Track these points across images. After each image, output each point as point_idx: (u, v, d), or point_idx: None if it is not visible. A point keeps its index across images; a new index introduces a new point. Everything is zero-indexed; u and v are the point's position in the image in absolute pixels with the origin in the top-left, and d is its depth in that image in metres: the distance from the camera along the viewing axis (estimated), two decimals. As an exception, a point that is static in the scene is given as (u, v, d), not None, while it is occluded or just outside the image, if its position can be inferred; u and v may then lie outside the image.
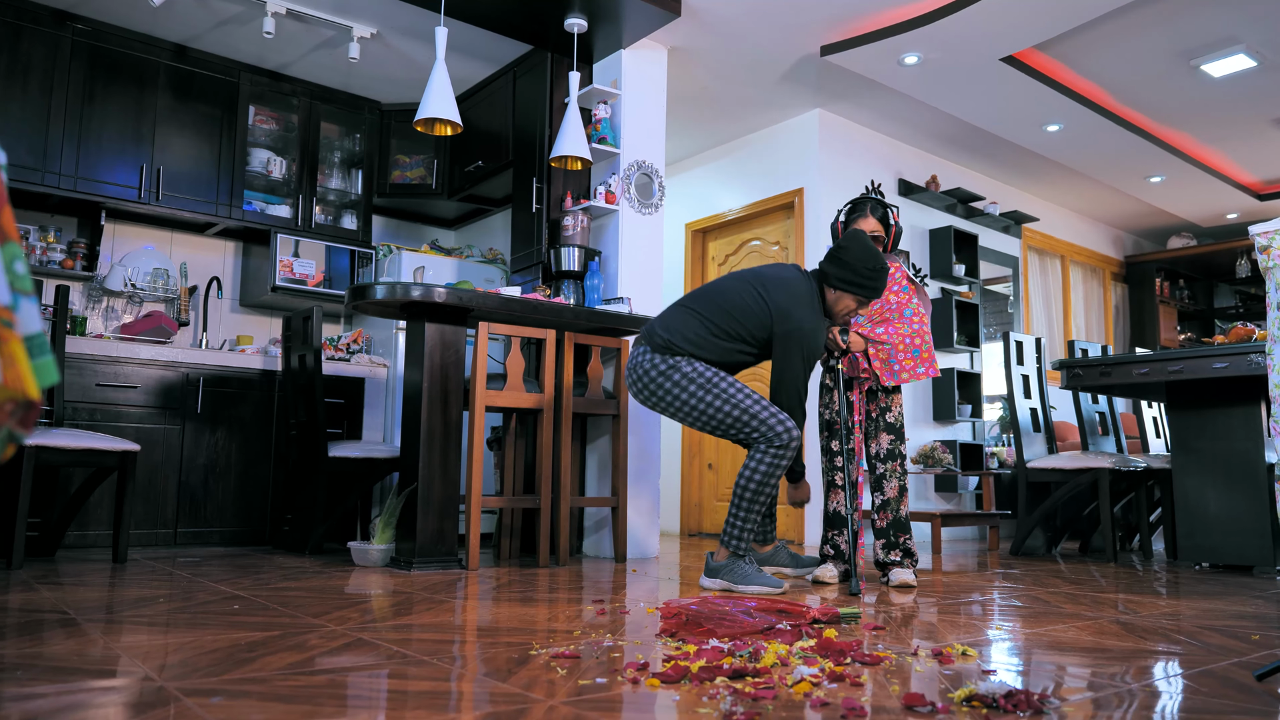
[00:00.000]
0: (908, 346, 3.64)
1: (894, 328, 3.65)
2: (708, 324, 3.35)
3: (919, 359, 3.64)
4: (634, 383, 3.41)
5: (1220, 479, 4.35)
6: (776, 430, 3.22)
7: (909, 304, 3.67)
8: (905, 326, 3.65)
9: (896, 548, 3.63)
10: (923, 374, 3.65)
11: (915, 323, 3.65)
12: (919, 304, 3.70)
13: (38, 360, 0.89)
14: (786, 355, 3.30)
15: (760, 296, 3.34)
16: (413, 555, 3.70)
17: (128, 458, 3.92)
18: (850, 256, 3.32)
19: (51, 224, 5.05)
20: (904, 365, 3.64)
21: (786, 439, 3.21)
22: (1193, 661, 2.02)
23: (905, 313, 3.66)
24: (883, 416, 3.70)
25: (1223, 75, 5.54)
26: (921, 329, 3.65)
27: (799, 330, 3.28)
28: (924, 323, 3.67)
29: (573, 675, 1.77)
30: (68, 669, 1.79)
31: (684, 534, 6.59)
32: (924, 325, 3.66)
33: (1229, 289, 9.45)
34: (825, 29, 5.02)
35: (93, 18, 4.89)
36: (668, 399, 3.34)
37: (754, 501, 3.26)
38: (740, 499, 3.27)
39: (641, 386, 3.39)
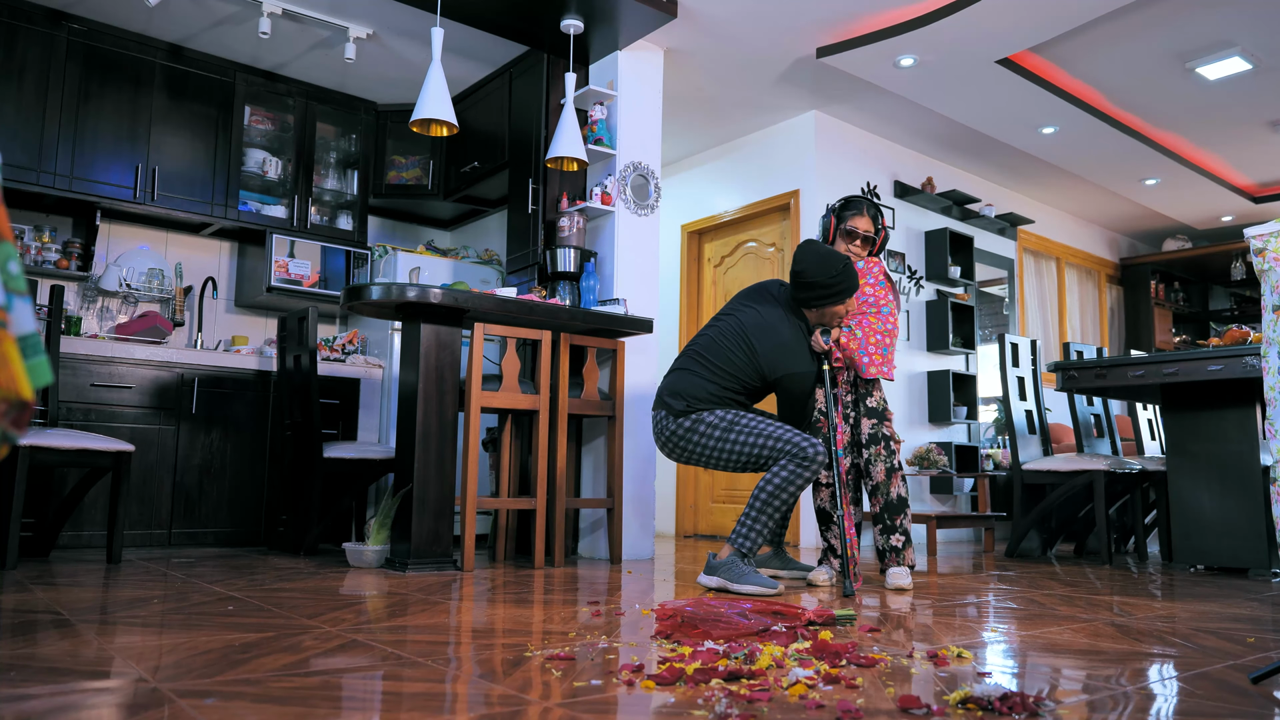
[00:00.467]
0: (877, 343, 3.67)
1: (867, 321, 3.70)
2: (711, 382, 3.51)
3: (886, 358, 3.69)
4: (663, 445, 3.58)
5: (1215, 481, 4.36)
6: (801, 446, 3.30)
7: (885, 300, 3.74)
8: (879, 323, 3.70)
9: (895, 531, 3.61)
10: (886, 373, 3.68)
11: (889, 322, 3.71)
12: (893, 302, 3.77)
13: (31, 361, 0.88)
14: (787, 397, 3.53)
15: (749, 350, 3.50)
16: (408, 556, 3.70)
17: (122, 458, 3.91)
18: (811, 275, 3.47)
19: (46, 224, 5.03)
20: (872, 359, 3.66)
21: (811, 453, 3.29)
22: (1188, 664, 2.03)
23: (883, 310, 3.73)
24: (862, 402, 3.72)
25: (1218, 78, 5.56)
26: (893, 330, 3.72)
27: (789, 377, 3.49)
28: (893, 324, 3.72)
29: (568, 677, 1.77)
30: (61, 670, 1.78)
31: (679, 535, 6.59)
32: (894, 327, 3.73)
33: (1224, 291, 9.47)
34: (821, 31, 5.02)
35: (88, 17, 4.88)
36: (698, 451, 3.48)
37: (768, 506, 3.32)
38: (755, 502, 3.33)
39: (671, 448, 3.55)
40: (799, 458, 3.29)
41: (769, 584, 3.24)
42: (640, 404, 4.73)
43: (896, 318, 3.75)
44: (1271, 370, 2.07)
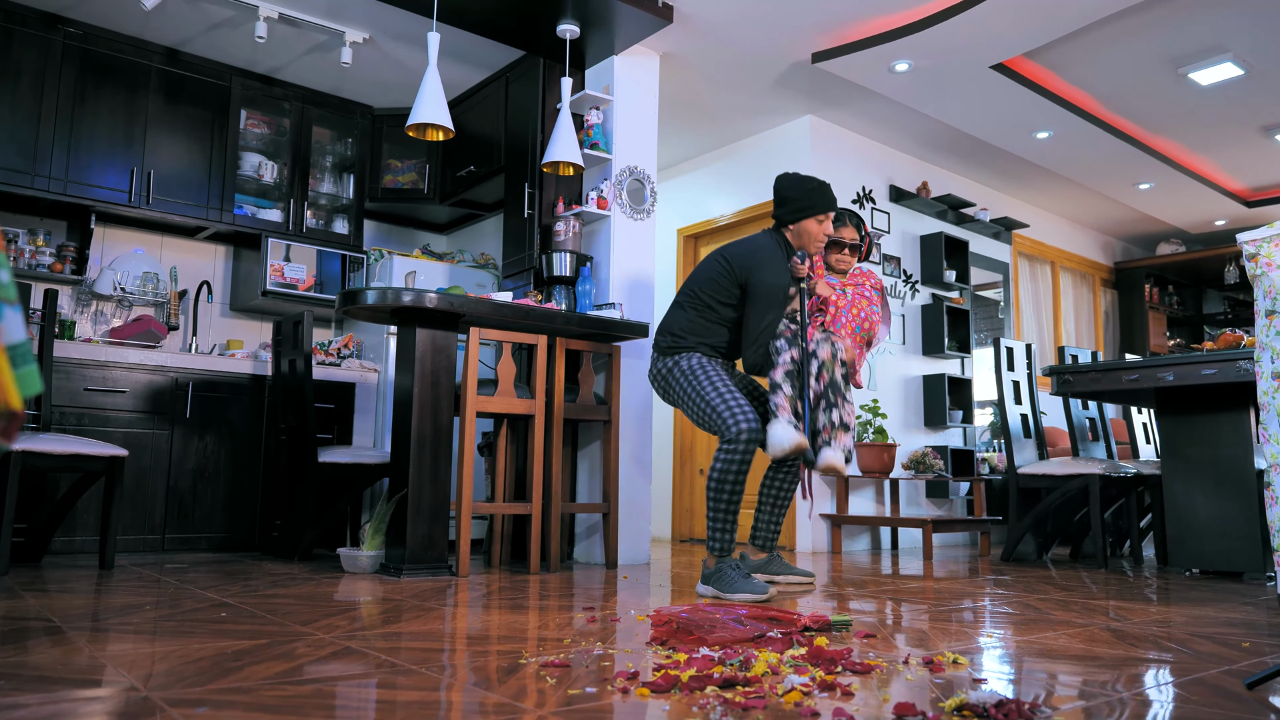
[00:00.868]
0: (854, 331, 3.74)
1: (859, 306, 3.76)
2: (689, 309, 3.60)
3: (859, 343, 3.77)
4: (653, 385, 3.70)
5: (1210, 485, 4.37)
6: (728, 424, 3.32)
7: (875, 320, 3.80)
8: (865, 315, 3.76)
9: (834, 408, 3.50)
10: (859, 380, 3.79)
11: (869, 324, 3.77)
12: (881, 324, 3.83)
13: (21, 370, 0.88)
14: (753, 305, 3.54)
15: (723, 260, 3.61)
16: (402, 562, 3.69)
17: (115, 463, 3.90)
18: (787, 191, 3.64)
19: (41, 227, 5.02)
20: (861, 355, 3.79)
21: (735, 434, 3.30)
22: (1184, 669, 2.03)
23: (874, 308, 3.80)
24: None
25: (1210, 83, 5.57)
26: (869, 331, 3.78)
27: (759, 278, 3.52)
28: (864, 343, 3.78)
29: (562, 684, 1.77)
30: (52, 678, 1.77)
31: (675, 539, 6.58)
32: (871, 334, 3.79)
33: (1218, 295, 9.49)
34: (816, 36, 5.03)
35: (84, 21, 4.87)
36: (672, 394, 3.58)
37: (717, 501, 3.37)
38: (708, 499, 3.41)
39: (657, 387, 3.67)
40: (725, 439, 3.32)
41: (760, 589, 3.23)
42: (636, 409, 4.73)
43: (876, 328, 3.79)
44: (1265, 375, 2.07)
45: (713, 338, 3.58)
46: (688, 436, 6.66)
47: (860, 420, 5.85)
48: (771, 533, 3.84)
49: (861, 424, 5.82)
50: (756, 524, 3.84)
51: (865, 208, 6.33)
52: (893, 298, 6.47)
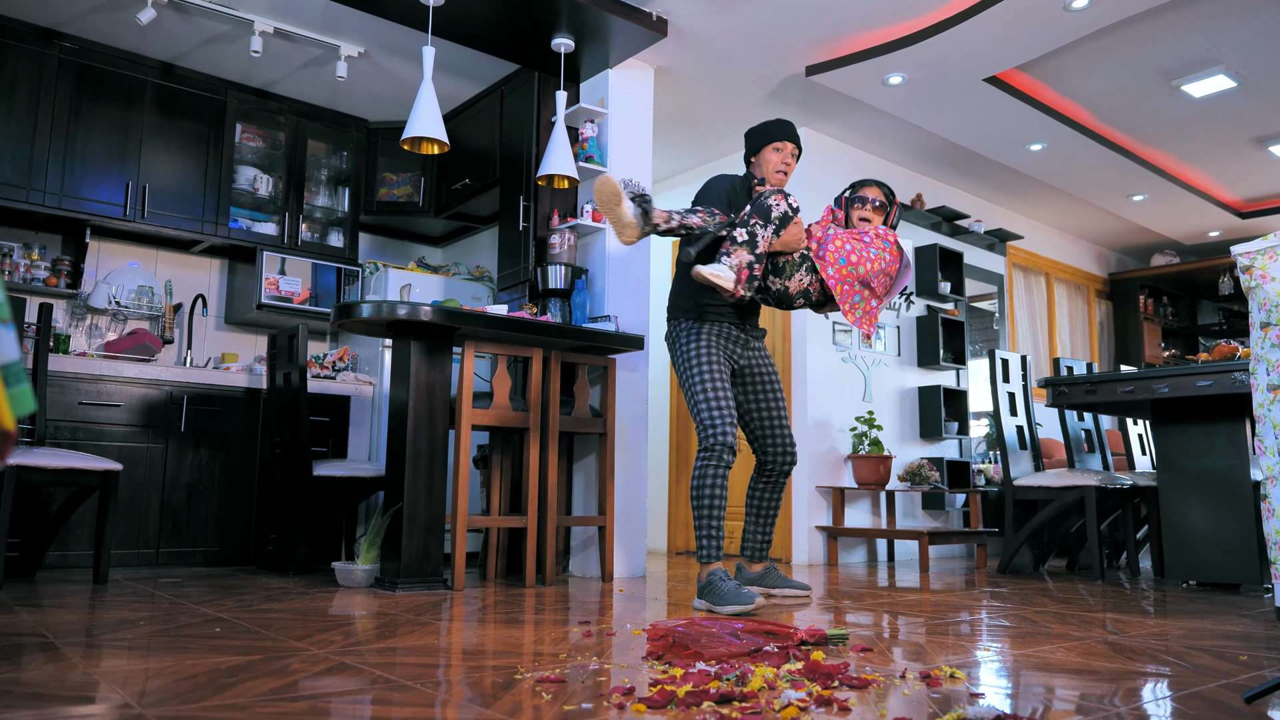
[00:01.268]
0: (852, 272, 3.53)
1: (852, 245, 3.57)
2: (679, 264, 3.65)
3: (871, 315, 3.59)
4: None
5: (1206, 496, 4.37)
6: (709, 430, 3.40)
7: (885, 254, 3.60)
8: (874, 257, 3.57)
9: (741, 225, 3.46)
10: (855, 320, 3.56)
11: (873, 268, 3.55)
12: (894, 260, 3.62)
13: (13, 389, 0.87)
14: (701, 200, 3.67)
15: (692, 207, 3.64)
16: (397, 575, 3.67)
17: (110, 477, 3.89)
18: (751, 130, 3.79)
19: (36, 241, 5.02)
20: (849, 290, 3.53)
21: (712, 443, 3.39)
22: (1181, 683, 2.02)
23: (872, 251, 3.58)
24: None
25: (1203, 95, 5.60)
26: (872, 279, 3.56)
27: (706, 192, 3.68)
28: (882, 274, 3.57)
29: (558, 700, 1.76)
30: (45, 695, 1.76)
31: (672, 552, 6.57)
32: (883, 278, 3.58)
33: (1212, 306, 9.52)
34: (810, 49, 5.05)
35: (79, 35, 4.88)
36: (675, 366, 3.65)
37: (700, 509, 3.42)
38: (691, 507, 3.50)
39: (669, 350, 3.72)
40: (702, 445, 3.41)
41: (747, 599, 3.23)
42: (632, 421, 4.72)
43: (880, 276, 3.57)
44: (1260, 386, 2.08)
45: (700, 293, 3.58)
46: (684, 448, 6.65)
47: (855, 432, 5.85)
48: (760, 543, 3.82)
49: (857, 436, 5.82)
50: (745, 536, 3.83)
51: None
52: (887, 310, 6.48)
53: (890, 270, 3.60)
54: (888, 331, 6.43)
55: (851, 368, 6.11)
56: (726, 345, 3.63)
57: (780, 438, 3.74)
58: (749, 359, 3.73)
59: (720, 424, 3.39)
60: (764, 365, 3.77)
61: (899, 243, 3.68)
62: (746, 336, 3.71)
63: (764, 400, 3.74)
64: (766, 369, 3.77)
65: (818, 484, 5.76)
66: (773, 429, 3.73)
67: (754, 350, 3.75)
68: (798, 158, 3.78)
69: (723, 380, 3.50)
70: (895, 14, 4.71)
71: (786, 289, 3.59)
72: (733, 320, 3.66)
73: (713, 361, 3.52)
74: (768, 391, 3.74)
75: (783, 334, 5.98)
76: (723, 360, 3.57)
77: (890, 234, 3.68)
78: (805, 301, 3.65)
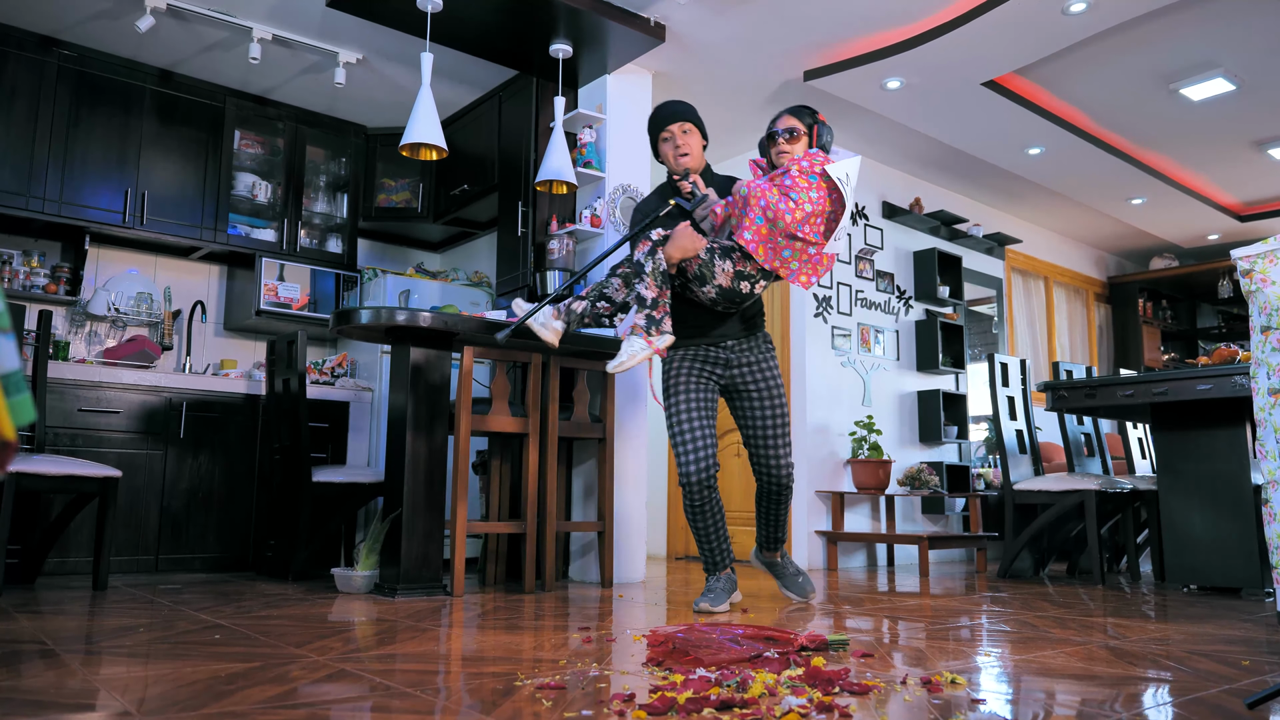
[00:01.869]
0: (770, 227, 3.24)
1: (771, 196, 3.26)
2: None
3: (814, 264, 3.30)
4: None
5: (1207, 500, 4.37)
6: (680, 464, 3.43)
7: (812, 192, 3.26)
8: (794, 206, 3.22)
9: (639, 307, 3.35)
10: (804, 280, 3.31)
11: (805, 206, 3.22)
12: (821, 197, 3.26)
13: (13, 399, 0.87)
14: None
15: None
16: (397, 581, 3.67)
17: (109, 484, 3.88)
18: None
19: (35, 248, 5.01)
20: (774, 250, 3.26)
21: (682, 478, 3.43)
22: (1183, 688, 2.02)
23: (793, 195, 3.24)
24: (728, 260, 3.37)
25: (1202, 99, 5.61)
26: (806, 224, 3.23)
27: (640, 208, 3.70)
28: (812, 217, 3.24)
29: (558, 707, 1.75)
30: (45, 702, 1.76)
31: (671, 557, 6.56)
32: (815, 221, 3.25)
33: (1211, 309, 9.52)
34: (808, 54, 5.06)
35: (78, 43, 4.88)
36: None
37: (693, 528, 3.53)
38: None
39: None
40: (679, 476, 3.45)
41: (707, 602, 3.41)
42: (631, 427, 4.72)
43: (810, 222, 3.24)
44: (1261, 390, 2.08)
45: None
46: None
47: (855, 436, 5.84)
48: (768, 538, 3.78)
49: (856, 440, 5.81)
50: (757, 532, 3.83)
51: (858, 224, 6.35)
52: (886, 314, 6.48)
53: (821, 210, 3.24)
54: (886, 336, 6.43)
55: (850, 372, 6.11)
56: (704, 368, 3.51)
57: (767, 458, 3.57)
58: (739, 375, 3.55)
59: (686, 460, 3.38)
60: (754, 381, 3.55)
61: (829, 172, 3.27)
62: (727, 353, 3.52)
63: (753, 419, 3.56)
64: (757, 385, 3.54)
65: (817, 488, 5.76)
66: (761, 449, 3.57)
67: (745, 366, 3.55)
68: (695, 129, 3.57)
69: (696, 408, 3.42)
70: (893, 18, 4.72)
71: (723, 288, 3.36)
72: (704, 340, 3.51)
73: (685, 390, 3.45)
74: (755, 409, 3.55)
75: (782, 338, 5.98)
76: (698, 385, 3.47)
77: (816, 162, 3.30)
78: (751, 285, 3.38)
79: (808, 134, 3.45)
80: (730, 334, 3.54)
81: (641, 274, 3.27)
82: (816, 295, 5.96)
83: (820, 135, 3.45)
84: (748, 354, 3.56)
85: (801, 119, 3.46)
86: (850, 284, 6.23)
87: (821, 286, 6.00)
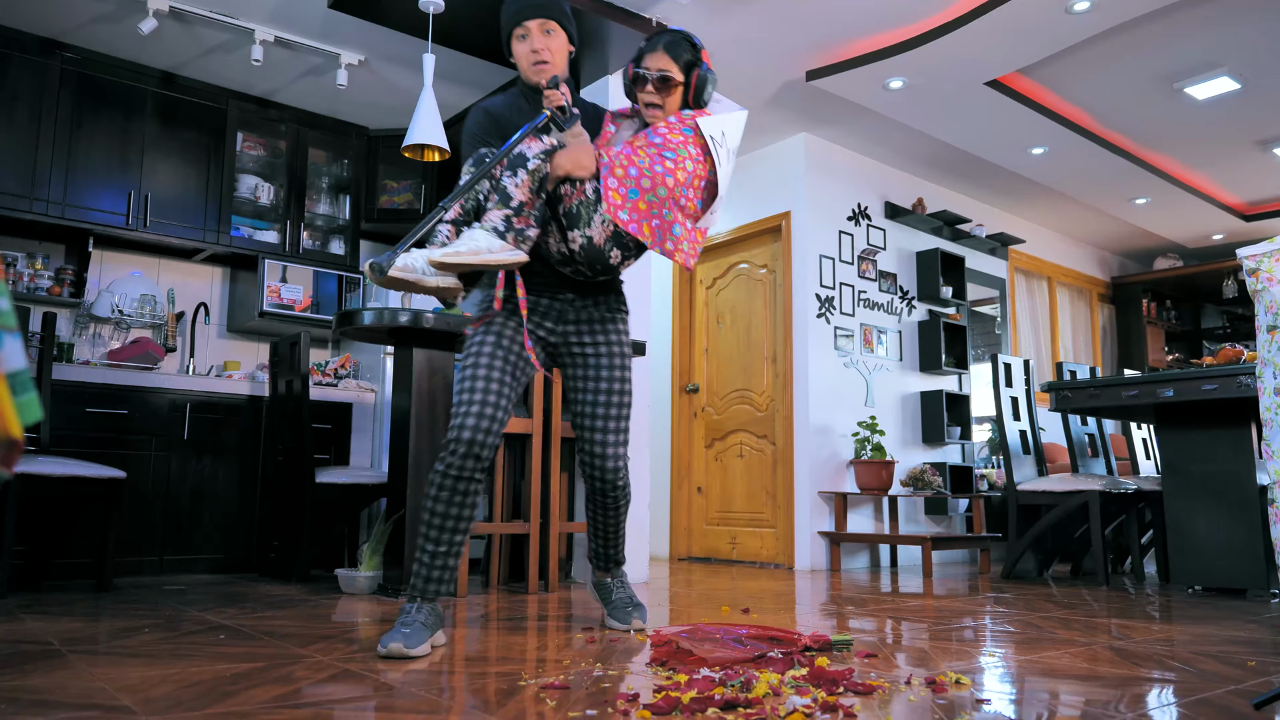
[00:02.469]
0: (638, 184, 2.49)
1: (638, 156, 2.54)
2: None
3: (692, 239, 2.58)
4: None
5: (1211, 501, 4.36)
6: (447, 435, 2.53)
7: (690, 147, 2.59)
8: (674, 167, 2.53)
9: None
10: (670, 249, 2.54)
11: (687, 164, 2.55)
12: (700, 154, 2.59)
13: (20, 398, 0.87)
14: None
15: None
16: (400, 582, 3.67)
17: (114, 485, 3.89)
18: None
19: (39, 251, 5.02)
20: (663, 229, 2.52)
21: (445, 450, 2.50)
22: (1188, 689, 2.01)
23: (666, 154, 2.55)
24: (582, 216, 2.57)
25: (1206, 98, 5.60)
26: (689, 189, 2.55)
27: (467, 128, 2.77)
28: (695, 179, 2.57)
29: (562, 707, 1.75)
30: (51, 702, 1.76)
31: (673, 559, 6.56)
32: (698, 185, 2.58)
33: (1216, 310, 9.51)
34: (810, 55, 5.06)
35: (81, 46, 4.89)
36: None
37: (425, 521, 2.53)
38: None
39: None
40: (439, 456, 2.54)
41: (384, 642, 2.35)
42: (634, 428, 4.72)
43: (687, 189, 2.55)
44: (1267, 390, 2.07)
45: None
46: (684, 455, 6.65)
47: (858, 437, 5.84)
48: (604, 554, 3.00)
49: (859, 441, 5.81)
50: (589, 544, 3.04)
51: (861, 224, 6.35)
52: (889, 315, 6.48)
53: (700, 173, 2.58)
54: (889, 336, 6.42)
55: (853, 373, 6.11)
56: (530, 318, 2.71)
57: (593, 445, 2.78)
58: (575, 335, 2.78)
59: (462, 418, 2.50)
60: (592, 344, 2.78)
61: (700, 127, 2.61)
62: (563, 305, 2.75)
63: (583, 391, 2.78)
64: (596, 349, 2.78)
65: (820, 489, 5.75)
66: (588, 431, 2.79)
67: (584, 324, 2.78)
68: (560, 30, 2.74)
69: (501, 364, 2.58)
70: (896, 18, 4.72)
71: (591, 245, 2.57)
72: (546, 287, 2.73)
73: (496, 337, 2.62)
74: (589, 380, 2.78)
75: (784, 340, 5.97)
76: (513, 338, 2.64)
77: (688, 117, 2.65)
78: (623, 257, 2.64)
79: (684, 85, 2.72)
80: (590, 288, 2.78)
81: (517, 170, 2.46)
82: (819, 296, 5.96)
83: (700, 88, 2.73)
84: (590, 309, 2.78)
85: (678, 58, 2.70)
86: (853, 284, 6.22)
87: (824, 287, 6.00)
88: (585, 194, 2.55)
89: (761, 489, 6.09)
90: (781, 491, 5.89)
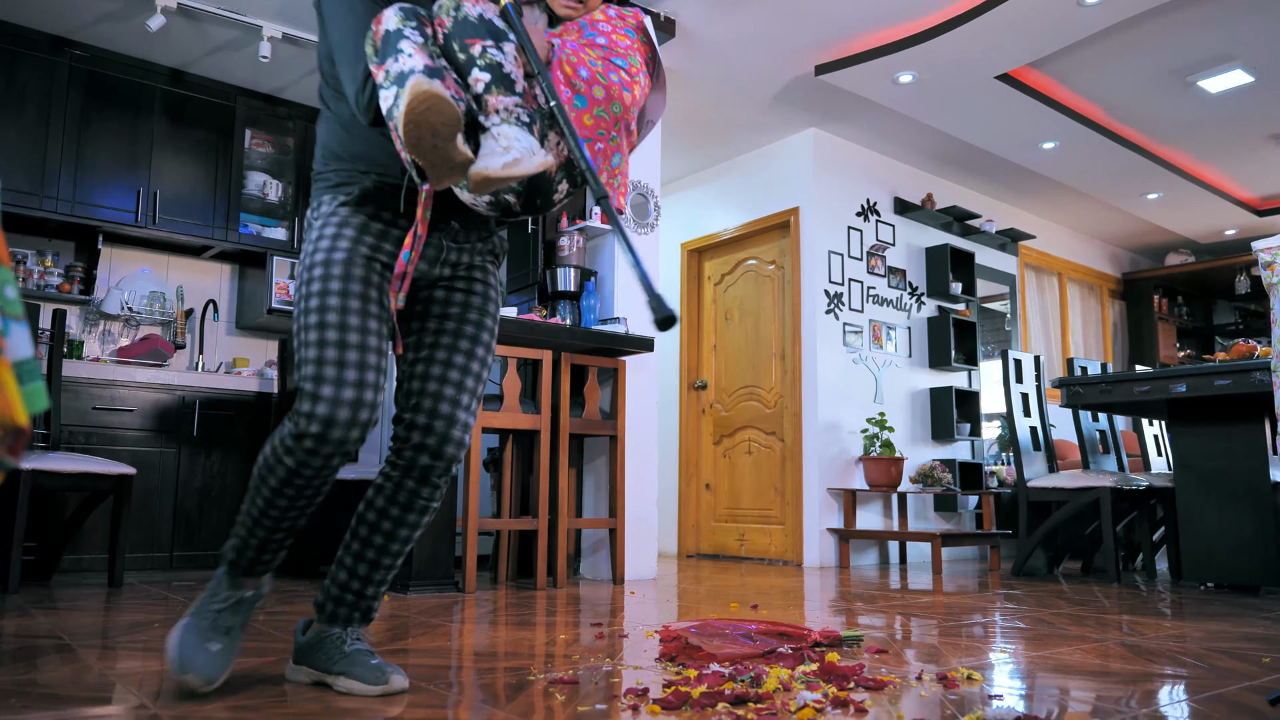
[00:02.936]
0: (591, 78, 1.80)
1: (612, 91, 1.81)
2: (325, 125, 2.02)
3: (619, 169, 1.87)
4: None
5: (1224, 498, 4.33)
6: (300, 391, 1.77)
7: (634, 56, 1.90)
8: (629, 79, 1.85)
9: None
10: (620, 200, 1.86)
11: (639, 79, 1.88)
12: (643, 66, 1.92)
13: (27, 386, 0.87)
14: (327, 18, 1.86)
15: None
16: (409, 578, 3.67)
17: (124, 481, 3.90)
18: None
19: (49, 248, 5.04)
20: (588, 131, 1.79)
21: (297, 417, 1.75)
22: (1201, 685, 2.00)
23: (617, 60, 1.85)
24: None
25: (1219, 91, 5.56)
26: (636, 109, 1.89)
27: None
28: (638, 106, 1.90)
29: (571, 702, 1.75)
30: (62, 696, 1.76)
31: (682, 555, 6.55)
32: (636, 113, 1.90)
33: (1228, 305, 9.45)
34: (819, 49, 5.04)
35: (90, 44, 4.90)
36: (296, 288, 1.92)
37: (251, 499, 1.88)
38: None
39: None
40: (289, 417, 1.79)
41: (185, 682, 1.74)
42: (642, 423, 4.71)
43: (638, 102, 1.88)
44: (1280, 385, 2.05)
45: (358, 148, 1.90)
46: (693, 452, 6.64)
47: (867, 433, 5.82)
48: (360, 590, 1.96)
49: (868, 438, 5.79)
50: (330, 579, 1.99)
51: (870, 220, 6.33)
52: (898, 311, 6.45)
53: (644, 85, 1.93)
54: (899, 332, 6.40)
55: (862, 369, 6.09)
56: (395, 251, 1.89)
57: (436, 412, 1.91)
58: (444, 276, 1.98)
59: (328, 383, 1.75)
60: (469, 300, 2.00)
61: (647, 29, 1.98)
62: (440, 236, 1.93)
63: (439, 349, 1.96)
64: (470, 304, 2.00)
65: (829, 486, 5.74)
66: (431, 397, 1.92)
67: (459, 266, 1.99)
68: None
69: (367, 313, 1.82)
70: (905, 12, 4.70)
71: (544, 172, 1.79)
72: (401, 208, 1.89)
73: (356, 278, 1.82)
74: (450, 336, 1.97)
75: (793, 336, 5.96)
76: (380, 278, 1.87)
77: (628, 15, 1.98)
78: (571, 187, 1.86)
79: None
80: (462, 218, 1.96)
81: (500, 41, 1.74)
82: (828, 292, 5.94)
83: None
84: (467, 253, 2.00)
85: None
86: (862, 280, 6.20)
87: (833, 283, 5.98)
88: (536, 99, 1.76)
89: (770, 486, 6.08)
90: (790, 488, 5.88)
